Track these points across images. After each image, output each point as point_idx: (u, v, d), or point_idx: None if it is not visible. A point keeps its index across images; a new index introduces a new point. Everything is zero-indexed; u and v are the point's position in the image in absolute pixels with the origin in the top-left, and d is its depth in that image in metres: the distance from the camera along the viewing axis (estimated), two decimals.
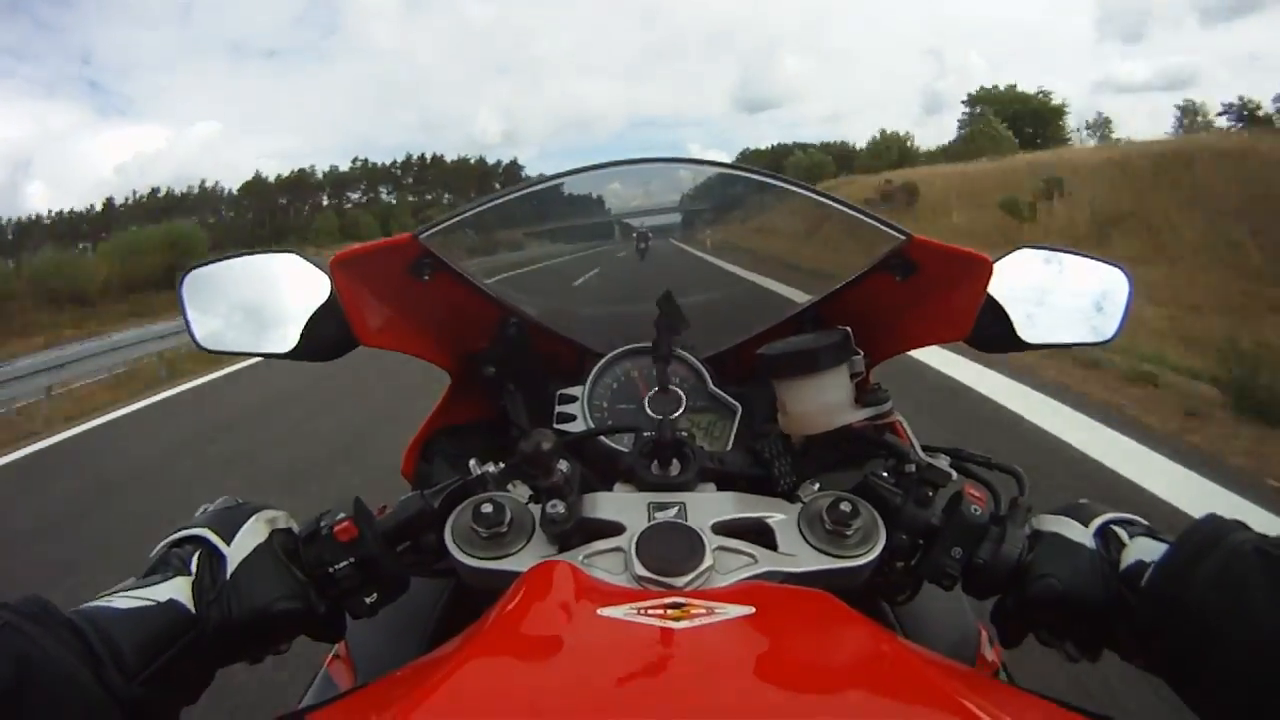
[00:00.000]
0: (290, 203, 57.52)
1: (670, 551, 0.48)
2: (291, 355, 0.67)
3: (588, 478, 0.59)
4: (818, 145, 51.35)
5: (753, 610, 0.39)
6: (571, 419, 0.74)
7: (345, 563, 0.50)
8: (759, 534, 0.52)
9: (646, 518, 0.52)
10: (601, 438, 0.69)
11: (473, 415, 0.78)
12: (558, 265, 1.04)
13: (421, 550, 0.54)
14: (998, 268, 0.60)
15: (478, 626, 0.40)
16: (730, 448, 0.72)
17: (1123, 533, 0.49)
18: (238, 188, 56.97)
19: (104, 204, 55.25)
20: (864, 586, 0.52)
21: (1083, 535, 0.50)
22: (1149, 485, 2.70)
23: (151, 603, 0.44)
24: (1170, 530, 0.47)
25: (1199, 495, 2.60)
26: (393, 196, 59.71)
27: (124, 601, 0.43)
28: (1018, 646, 0.53)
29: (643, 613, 0.38)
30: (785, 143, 57.67)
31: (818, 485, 0.55)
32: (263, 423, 5.32)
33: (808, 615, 0.41)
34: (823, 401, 0.57)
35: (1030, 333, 0.66)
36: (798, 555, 0.50)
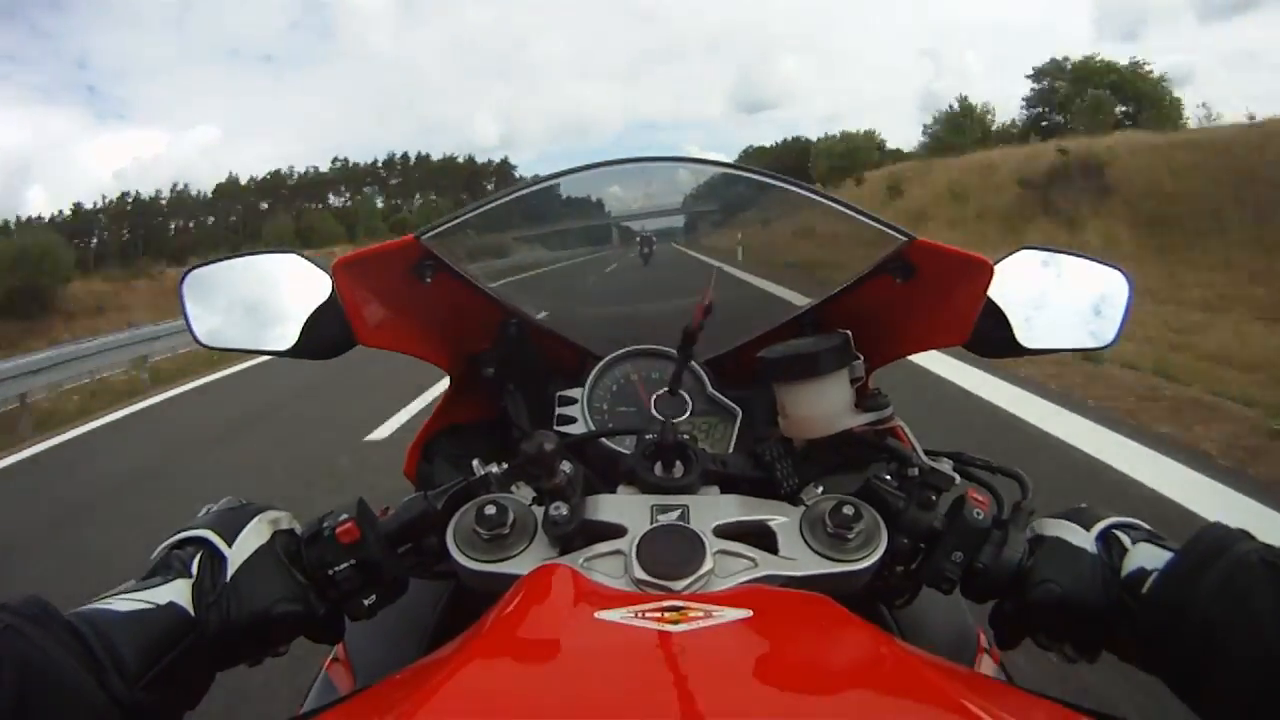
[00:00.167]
0: (272, 206, 55.09)
1: (670, 555, 0.48)
2: (291, 353, 0.67)
3: (590, 479, 0.59)
4: (838, 135, 41.13)
5: (750, 614, 0.39)
6: (571, 420, 0.74)
7: (346, 564, 0.50)
8: (760, 537, 0.52)
9: (649, 520, 0.52)
10: (603, 439, 0.69)
11: (473, 416, 0.78)
12: (558, 270, 1.04)
13: (422, 552, 0.54)
14: (998, 270, 0.60)
15: (475, 630, 0.40)
16: (731, 451, 0.72)
17: (1125, 538, 0.49)
18: (211, 190, 54.12)
19: (73, 209, 51.95)
20: (863, 590, 0.52)
21: (1084, 540, 0.50)
22: None
23: (151, 605, 0.43)
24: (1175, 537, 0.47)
25: None
26: (379, 197, 57.22)
27: (124, 604, 0.43)
28: (1015, 648, 0.53)
29: (640, 616, 0.38)
30: (800, 136, 52.25)
31: (821, 488, 0.55)
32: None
33: (806, 618, 0.41)
34: (823, 405, 0.57)
35: (1030, 337, 0.65)
36: (798, 559, 0.50)
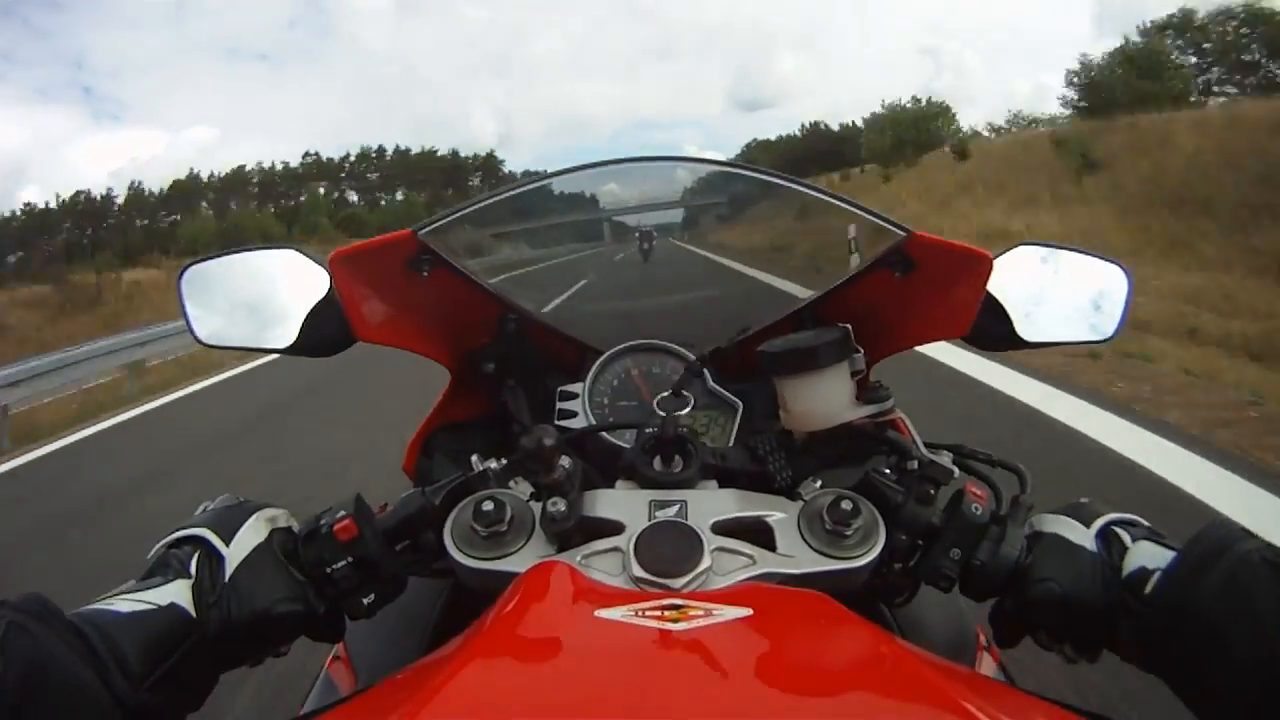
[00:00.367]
0: (238, 203, 51.21)
1: (669, 552, 0.48)
2: (290, 350, 0.67)
3: (589, 474, 0.59)
4: (904, 103, 33.43)
5: (750, 612, 0.39)
6: (572, 415, 0.74)
7: (344, 562, 0.50)
8: (759, 533, 0.52)
9: (647, 516, 0.52)
10: (603, 434, 0.69)
11: (473, 412, 0.78)
12: (557, 266, 1.03)
13: (420, 549, 0.54)
14: (997, 264, 0.60)
15: (476, 629, 0.40)
16: (731, 445, 0.72)
17: (1125, 535, 0.48)
18: (167, 187, 50.06)
19: (23, 209, 49.62)
20: (862, 588, 0.52)
21: (1084, 537, 0.49)
22: None
23: (153, 606, 0.43)
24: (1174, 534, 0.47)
25: None
26: (355, 194, 53.74)
27: (125, 605, 0.42)
28: (1014, 647, 0.53)
29: (640, 614, 0.38)
30: (819, 121, 49.03)
31: (819, 482, 0.55)
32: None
33: (805, 617, 0.41)
34: (824, 399, 0.57)
35: (1030, 330, 0.66)
36: (796, 556, 0.50)
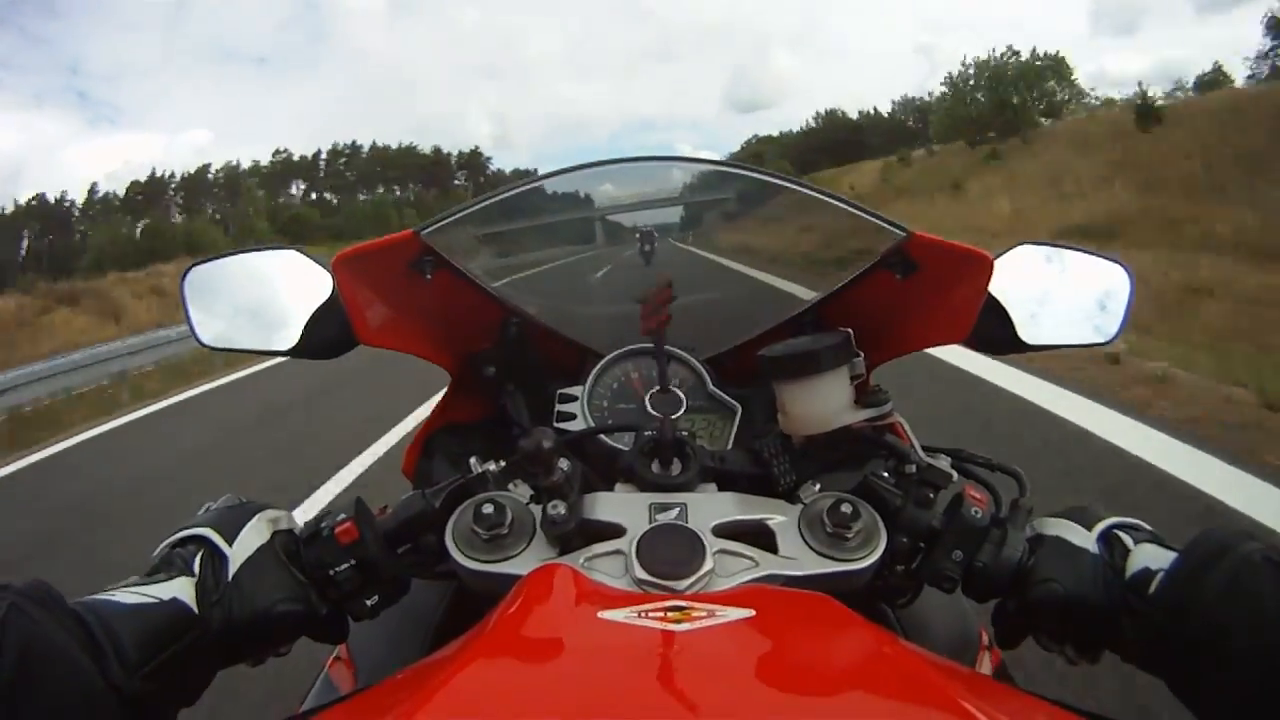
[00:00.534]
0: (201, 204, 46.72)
1: (671, 555, 0.48)
2: (293, 353, 0.67)
3: (589, 477, 0.59)
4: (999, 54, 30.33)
5: (753, 613, 0.39)
6: (571, 418, 0.74)
7: (346, 565, 0.50)
8: (759, 536, 0.52)
9: (647, 519, 0.52)
10: (602, 436, 0.69)
11: (473, 414, 0.78)
12: (558, 268, 1.03)
13: (422, 552, 0.54)
14: (998, 265, 0.60)
15: (478, 630, 0.40)
16: (730, 448, 0.72)
17: (1127, 538, 0.49)
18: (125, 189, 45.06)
19: None
20: (865, 589, 0.52)
21: (1085, 540, 0.49)
22: None
23: (155, 600, 0.43)
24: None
25: None
26: (331, 193, 49.46)
27: (127, 597, 0.43)
28: (1016, 648, 0.53)
29: (643, 616, 0.38)
30: (836, 109, 46.99)
31: (818, 486, 0.55)
32: None
33: (808, 618, 0.41)
34: (823, 403, 0.57)
35: (1032, 333, 0.65)
36: (798, 558, 0.50)
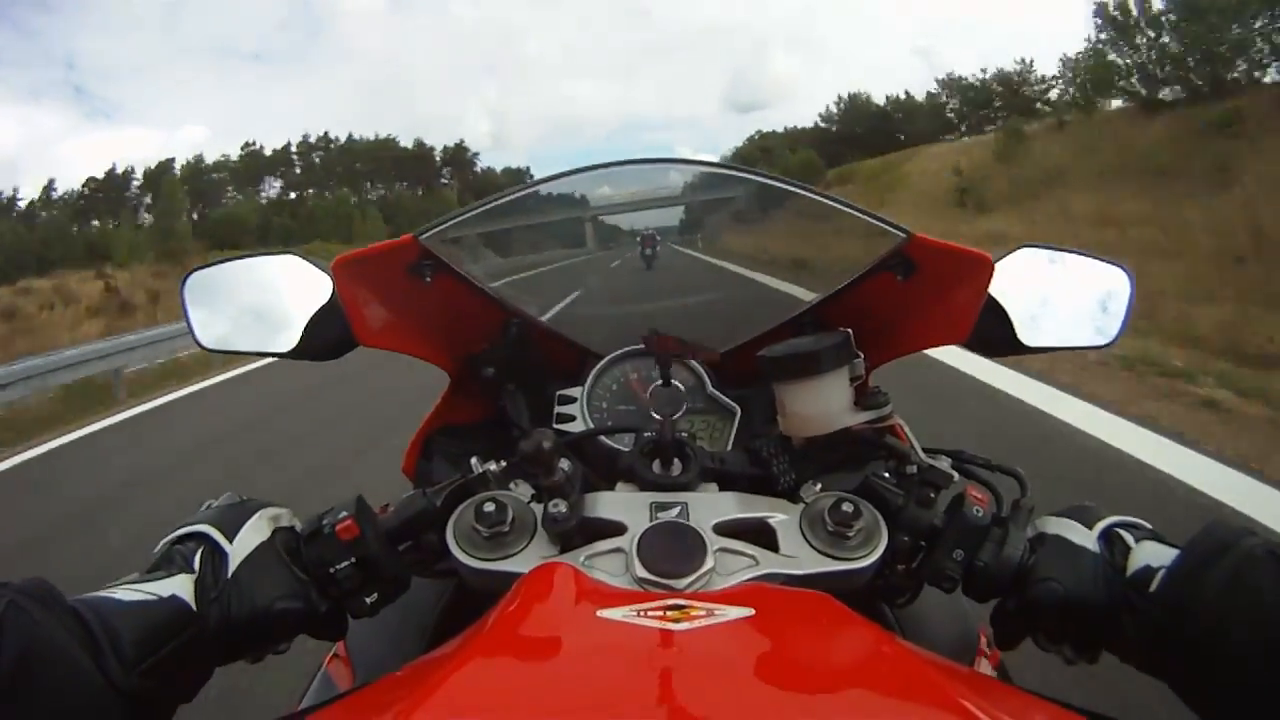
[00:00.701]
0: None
1: (671, 553, 0.48)
2: (292, 355, 0.67)
3: (589, 477, 0.59)
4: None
5: (753, 612, 0.39)
6: (571, 419, 0.74)
7: (346, 562, 0.50)
8: (760, 534, 0.52)
9: (648, 518, 0.52)
10: (602, 437, 0.69)
11: (472, 415, 0.78)
12: (558, 270, 1.03)
13: (423, 550, 0.54)
14: (998, 268, 0.60)
15: (477, 627, 0.40)
16: (730, 449, 0.72)
17: (1128, 537, 0.49)
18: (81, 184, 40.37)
19: None
20: (865, 589, 0.52)
21: (1086, 539, 0.49)
22: None
23: (154, 597, 0.44)
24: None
25: None
26: (297, 190, 44.79)
27: (126, 594, 0.43)
28: (1015, 649, 0.53)
29: (643, 614, 0.38)
30: (859, 92, 39.73)
31: (819, 486, 0.55)
32: None
33: (808, 617, 0.41)
34: (823, 404, 0.57)
35: (1031, 335, 0.65)
36: (799, 557, 0.50)
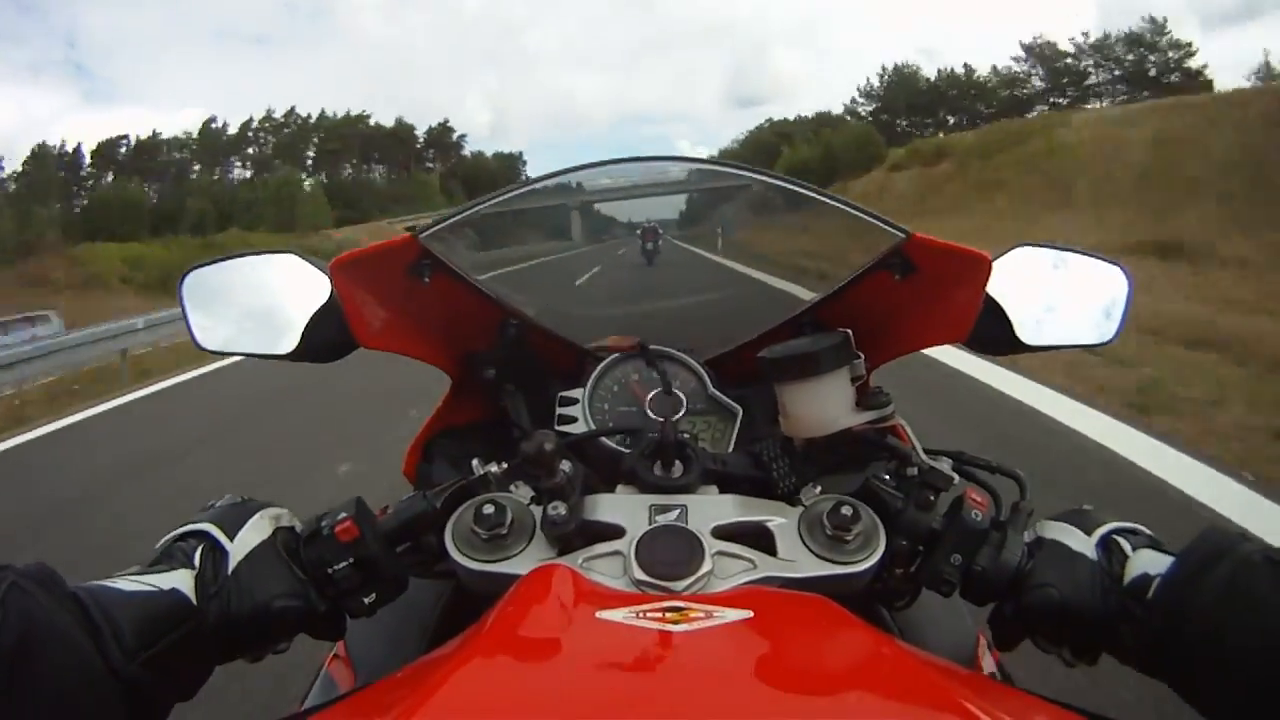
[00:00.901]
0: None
1: (669, 556, 0.48)
2: (291, 357, 0.67)
3: (590, 479, 0.59)
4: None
5: (751, 614, 0.39)
6: (572, 421, 0.74)
7: (345, 563, 0.50)
8: (759, 538, 0.52)
9: (647, 520, 0.52)
10: (603, 439, 0.69)
11: (473, 417, 0.78)
12: (557, 268, 1.03)
13: (422, 551, 0.54)
14: (996, 266, 0.60)
15: (476, 629, 0.41)
16: (731, 450, 0.72)
17: (1125, 544, 0.49)
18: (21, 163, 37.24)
19: None
20: (863, 592, 0.52)
21: (1084, 545, 0.50)
22: None
23: (155, 589, 0.44)
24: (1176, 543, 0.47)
25: None
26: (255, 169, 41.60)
27: (127, 584, 0.44)
28: (1013, 650, 0.53)
29: (641, 616, 0.38)
30: (906, 64, 40.27)
31: (819, 488, 0.55)
32: None
33: (806, 619, 0.41)
34: (824, 404, 0.57)
35: (1030, 334, 0.65)
36: (797, 561, 0.50)
